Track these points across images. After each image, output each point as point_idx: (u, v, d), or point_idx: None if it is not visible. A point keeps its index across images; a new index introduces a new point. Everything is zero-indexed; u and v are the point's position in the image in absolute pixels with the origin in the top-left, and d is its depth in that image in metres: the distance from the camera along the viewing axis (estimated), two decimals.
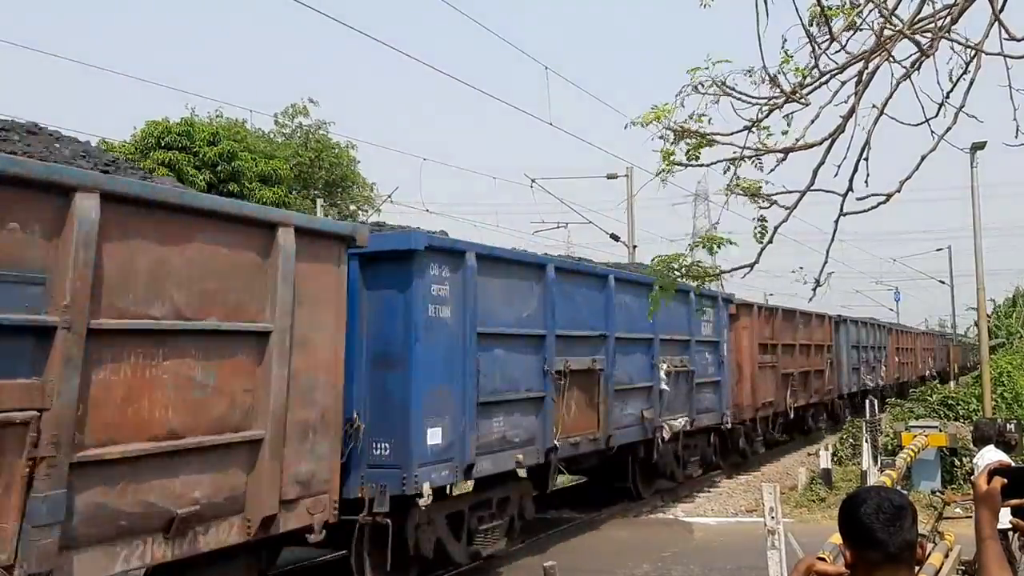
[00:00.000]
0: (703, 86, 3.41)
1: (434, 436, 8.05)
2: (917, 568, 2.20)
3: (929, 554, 6.96)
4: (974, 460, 8.62)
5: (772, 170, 3.67)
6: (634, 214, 23.38)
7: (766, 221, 3.79)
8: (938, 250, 54.34)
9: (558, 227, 25.70)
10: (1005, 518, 2.35)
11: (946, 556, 7.06)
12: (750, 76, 3.44)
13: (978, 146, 16.61)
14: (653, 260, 4.23)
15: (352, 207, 31.59)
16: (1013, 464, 2.41)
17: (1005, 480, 2.28)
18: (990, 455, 7.71)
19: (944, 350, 45.98)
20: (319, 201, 26.55)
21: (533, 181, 21.03)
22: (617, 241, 22.99)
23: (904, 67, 3.46)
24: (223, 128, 25.56)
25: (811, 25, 3.41)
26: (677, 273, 3.94)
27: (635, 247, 23.00)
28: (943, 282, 43.94)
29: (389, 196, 25.48)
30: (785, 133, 3.64)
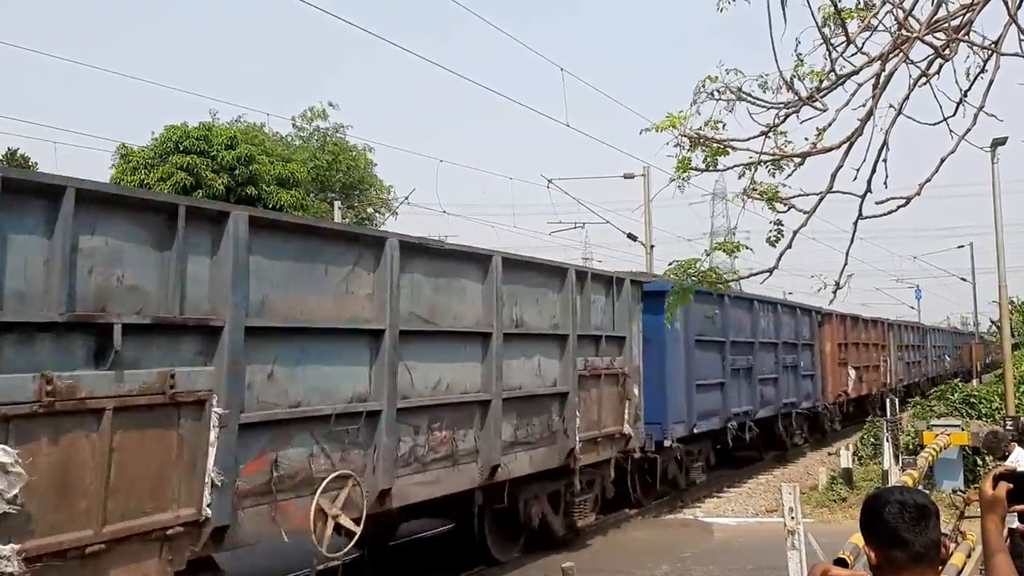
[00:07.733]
0: (718, 93, 3.41)
1: None
2: (940, 567, 2.22)
3: (951, 554, 6.92)
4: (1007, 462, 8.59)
5: (789, 175, 3.66)
6: (651, 213, 23.31)
7: (782, 225, 3.78)
8: (960, 247, 53.83)
9: (575, 227, 25.66)
10: (1013, 521, 2.37)
11: (968, 556, 7.01)
12: (764, 87, 3.43)
13: (999, 142, 16.36)
14: (670, 265, 4.24)
15: (369, 210, 31.73)
16: (1018, 469, 2.43)
17: (1010, 485, 2.30)
18: (1021, 455, 7.70)
19: (965, 348, 45.47)
20: (336, 203, 26.68)
21: (550, 182, 21.03)
22: (635, 241, 22.93)
23: (921, 68, 3.45)
24: (241, 132, 25.78)
25: (824, 27, 3.40)
26: (693, 279, 3.93)
27: (652, 247, 22.94)
28: (965, 279, 43.59)
29: (406, 198, 25.65)
30: (808, 139, 3.62)
